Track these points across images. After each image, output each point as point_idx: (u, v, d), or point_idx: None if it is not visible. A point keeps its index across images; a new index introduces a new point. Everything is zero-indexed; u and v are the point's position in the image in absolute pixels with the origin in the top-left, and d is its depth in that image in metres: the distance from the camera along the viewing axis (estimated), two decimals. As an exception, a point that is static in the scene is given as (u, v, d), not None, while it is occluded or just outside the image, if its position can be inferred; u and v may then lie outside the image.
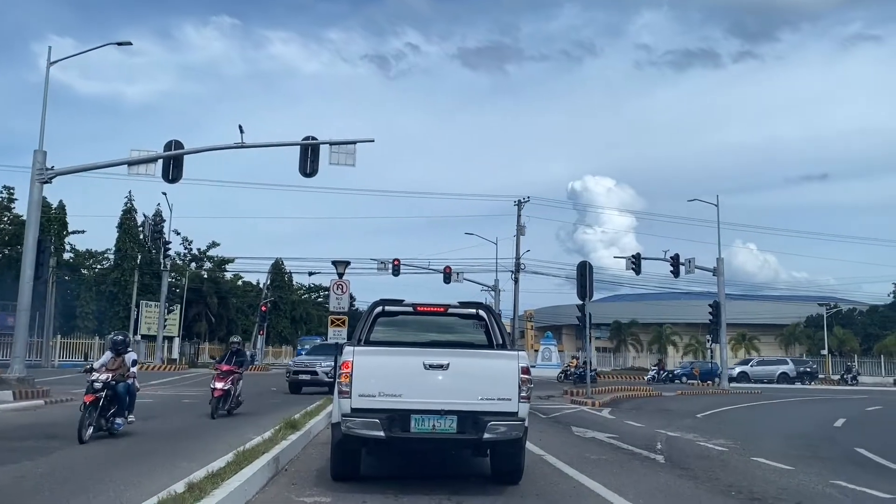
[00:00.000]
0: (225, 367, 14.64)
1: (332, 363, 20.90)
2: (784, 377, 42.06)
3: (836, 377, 50.23)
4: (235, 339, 16.18)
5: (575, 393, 25.13)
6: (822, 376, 50.80)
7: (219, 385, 14.24)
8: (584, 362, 38.21)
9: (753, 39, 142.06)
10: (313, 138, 21.57)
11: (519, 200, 54.03)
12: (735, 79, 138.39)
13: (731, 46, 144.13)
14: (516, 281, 52.82)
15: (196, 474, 6.74)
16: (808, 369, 48.31)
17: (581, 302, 25.35)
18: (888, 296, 68.79)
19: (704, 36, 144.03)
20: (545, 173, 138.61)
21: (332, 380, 20.20)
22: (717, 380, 39.17)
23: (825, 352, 57.61)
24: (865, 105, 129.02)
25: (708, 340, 45.11)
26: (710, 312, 37.34)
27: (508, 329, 54.97)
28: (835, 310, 65.78)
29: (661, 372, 38.07)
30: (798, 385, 44.06)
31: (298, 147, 21.56)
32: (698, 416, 18.98)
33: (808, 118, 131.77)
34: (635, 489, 7.77)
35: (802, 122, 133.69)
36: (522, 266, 52.92)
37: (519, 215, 53.63)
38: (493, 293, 53.60)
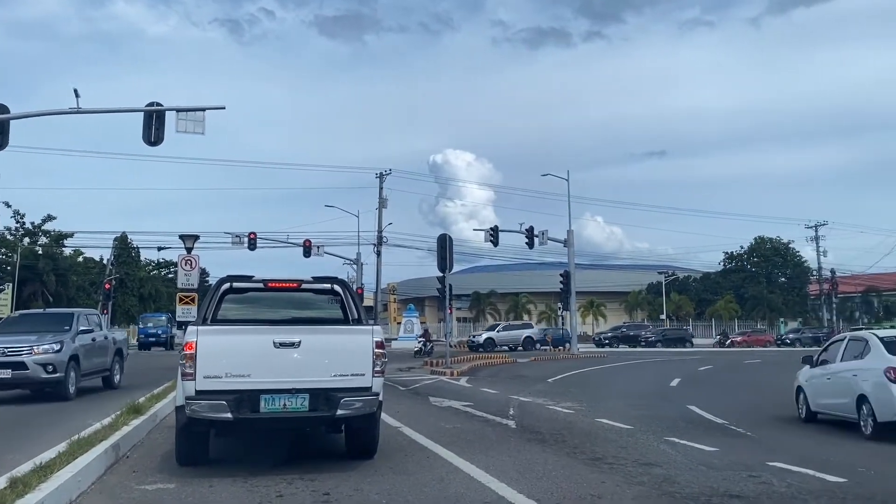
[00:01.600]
0: None
1: (58, 346, 13.51)
2: (529, 341, 42.42)
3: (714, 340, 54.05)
4: None
5: (434, 364, 25.58)
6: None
7: None
8: None
9: (601, 20, 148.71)
10: (158, 104, 20.29)
11: (380, 173, 53.94)
12: (585, 58, 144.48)
13: (580, 26, 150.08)
14: (378, 254, 52.87)
15: (21, 467, 6.22)
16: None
17: (441, 274, 25.73)
18: (718, 264, 75.07)
19: (556, 15, 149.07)
20: (406, 146, 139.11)
21: (53, 376, 13.33)
22: (567, 345, 41.20)
23: (664, 316, 62.12)
24: (700, 87, 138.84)
25: (560, 308, 47.26)
26: (561, 282, 39.10)
27: (371, 303, 54.98)
28: (672, 277, 70.92)
29: (427, 344, 36.01)
30: (640, 349, 47.26)
31: (142, 114, 20.23)
32: (549, 380, 19.88)
33: (651, 98, 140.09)
34: (486, 456, 8.01)
35: (645, 102, 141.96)
36: (385, 239, 53.02)
37: (381, 188, 53.56)
38: (355, 266, 53.33)
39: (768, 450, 8.79)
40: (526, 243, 38.84)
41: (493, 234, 38.81)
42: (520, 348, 41.92)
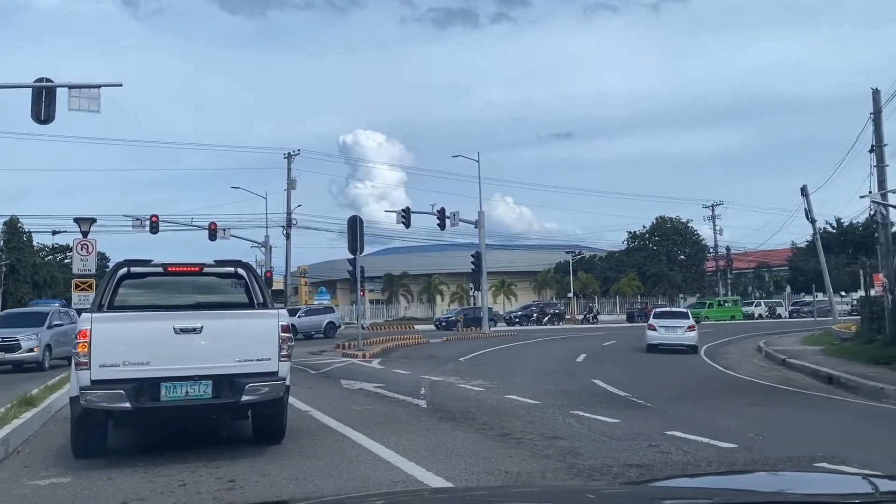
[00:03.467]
0: None
1: None
2: (331, 327, 38.50)
3: (580, 317, 55.90)
4: None
5: (347, 346, 25.41)
6: (569, 316, 56.32)
7: None
8: None
9: (508, 2, 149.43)
10: (48, 80, 19.14)
11: (289, 153, 52.76)
12: (493, 40, 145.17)
13: (488, 8, 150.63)
14: (288, 236, 51.81)
15: None
16: (557, 311, 53.36)
17: (352, 256, 25.53)
18: (622, 243, 77.65)
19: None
20: (316, 126, 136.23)
21: None
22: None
23: (571, 294, 63.84)
24: (605, 70, 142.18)
25: (471, 288, 47.78)
26: (472, 262, 39.54)
27: (280, 286, 53.82)
28: (579, 256, 72.89)
29: None
30: (548, 326, 48.48)
31: (30, 90, 19.04)
32: (461, 359, 20.12)
33: (557, 80, 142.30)
34: (396, 436, 8.04)
35: (552, 84, 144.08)
36: (294, 221, 51.99)
37: (289, 169, 52.42)
38: (263, 249, 52.17)
39: (666, 420, 9.21)
40: (437, 224, 38.98)
41: (405, 216, 38.75)
42: (320, 335, 37.22)
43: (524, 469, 6.46)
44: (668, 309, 27.98)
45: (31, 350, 17.39)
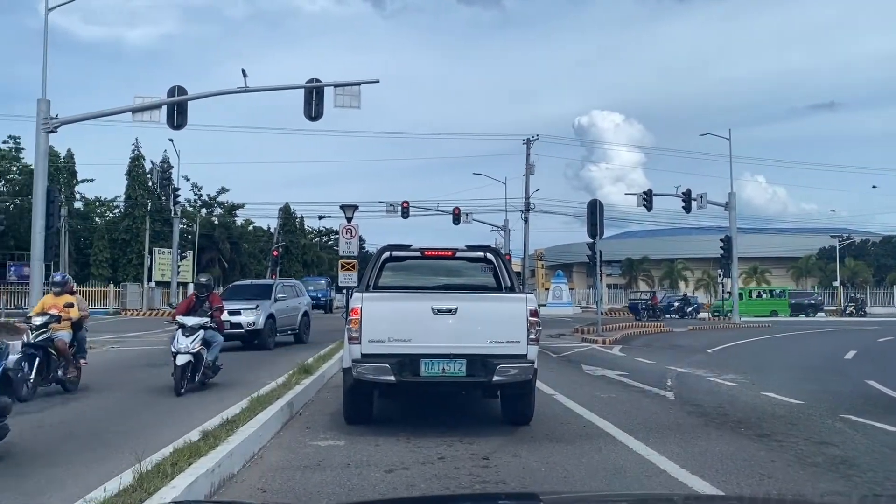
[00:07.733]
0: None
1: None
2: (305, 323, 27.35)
3: (844, 309, 49.91)
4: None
5: (586, 331, 25.27)
6: (833, 308, 50.77)
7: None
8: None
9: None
10: (317, 80, 21.26)
11: (528, 139, 53.47)
12: (739, 9, 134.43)
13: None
14: (526, 221, 52.66)
15: (211, 422, 6.85)
16: (813, 301, 48.37)
17: (591, 240, 25.28)
18: (902, 226, 68.33)
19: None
20: (551, 109, 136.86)
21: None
22: (728, 314, 39.20)
23: (836, 283, 57.43)
24: (873, 32, 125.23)
25: (719, 274, 44.89)
26: (721, 247, 37.18)
27: (518, 269, 54.95)
28: (847, 241, 65.36)
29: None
30: (806, 318, 44.10)
31: (303, 90, 21.28)
32: (708, 351, 19.07)
33: (814, 47, 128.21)
34: (645, 427, 7.84)
35: (808, 51, 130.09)
36: (532, 205, 52.68)
37: (528, 154, 53.12)
38: (502, 233, 53.57)
39: (965, 434, 7.96)
40: (683, 207, 37.18)
41: (647, 199, 37.43)
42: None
43: (790, 476, 5.97)
44: None
45: None
